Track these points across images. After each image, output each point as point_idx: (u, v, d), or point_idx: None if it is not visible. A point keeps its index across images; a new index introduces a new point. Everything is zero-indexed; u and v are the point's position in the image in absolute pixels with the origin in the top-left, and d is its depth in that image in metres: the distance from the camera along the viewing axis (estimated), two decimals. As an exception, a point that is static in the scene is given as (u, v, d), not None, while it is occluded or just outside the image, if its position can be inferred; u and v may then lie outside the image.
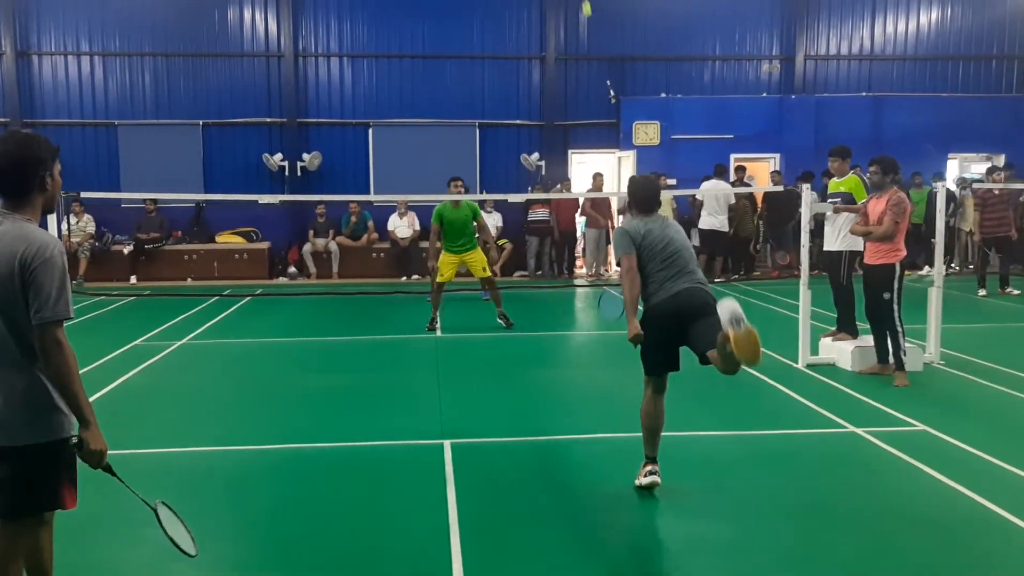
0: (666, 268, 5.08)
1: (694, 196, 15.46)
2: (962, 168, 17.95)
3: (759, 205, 16.38)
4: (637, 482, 5.02)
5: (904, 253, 7.67)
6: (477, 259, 10.58)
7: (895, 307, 7.60)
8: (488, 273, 10.70)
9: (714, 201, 15.01)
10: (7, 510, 3.05)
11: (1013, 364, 8.27)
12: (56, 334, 2.91)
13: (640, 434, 5.06)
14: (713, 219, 15.09)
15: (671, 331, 4.98)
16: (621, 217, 15.92)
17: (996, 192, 13.28)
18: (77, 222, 15.58)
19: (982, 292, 13.30)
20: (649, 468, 5.02)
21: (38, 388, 3.00)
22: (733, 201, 15.21)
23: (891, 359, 7.79)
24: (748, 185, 16.01)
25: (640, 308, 5.09)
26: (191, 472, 5.08)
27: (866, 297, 7.91)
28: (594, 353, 10.09)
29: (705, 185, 15.07)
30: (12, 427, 2.98)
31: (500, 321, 10.59)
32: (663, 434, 5.08)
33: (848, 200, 8.57)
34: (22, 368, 2.99)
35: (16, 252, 2.91)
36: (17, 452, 3.00)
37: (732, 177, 15.95)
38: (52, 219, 7.92)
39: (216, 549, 4.33)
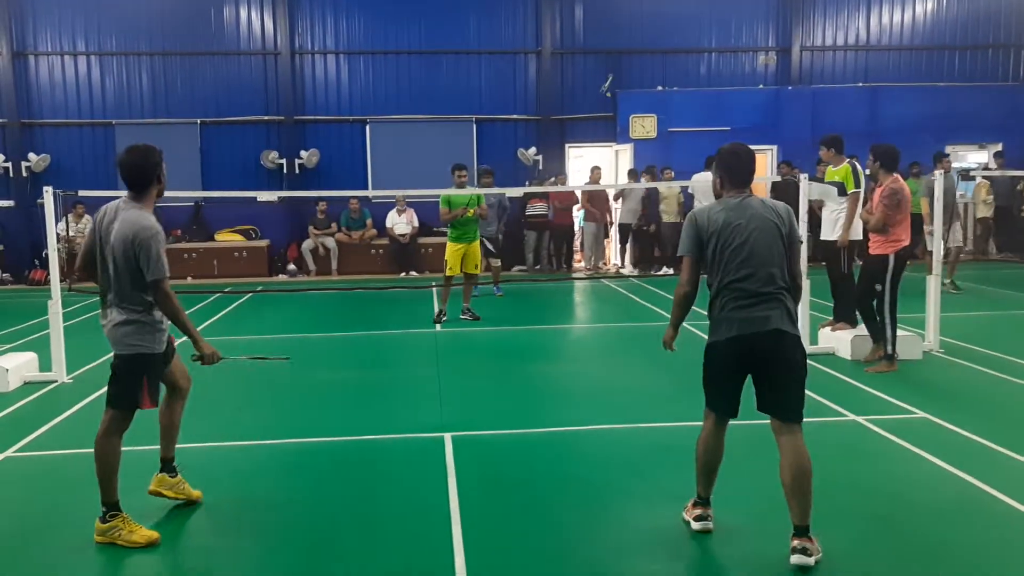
0: (734, 283, 3.87)
1: (687, 188, 15.47)
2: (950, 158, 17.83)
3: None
4: (684, 516, 4.41)
5: (904, 243, 7.58)
6: (474, 253, 10.74)
7: (887, 298, 7.57)
8: (479, 271, 11.05)
9: (705, 193, 14.99)
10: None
11: (1011, 351, 8.30)
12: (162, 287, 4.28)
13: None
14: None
15: (733, 376, 4.06)
16: (618, 209, 15.95)
17: None
18: (77, 224, 15.57)
19: None
20: (699, 512, 4.30)
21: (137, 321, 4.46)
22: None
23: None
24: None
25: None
26: (192, 467, 5.09)
27: (858, 284, 7.97)
28: (593, 346, 10.11)
29: (697, 177, 15.05)
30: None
31: (464, 316, 10.83)
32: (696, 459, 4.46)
33: (840, 189, 8.61)
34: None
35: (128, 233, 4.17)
36: None
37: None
38: (50, 221, 7.97)
39: (218, 542, 4.38)
